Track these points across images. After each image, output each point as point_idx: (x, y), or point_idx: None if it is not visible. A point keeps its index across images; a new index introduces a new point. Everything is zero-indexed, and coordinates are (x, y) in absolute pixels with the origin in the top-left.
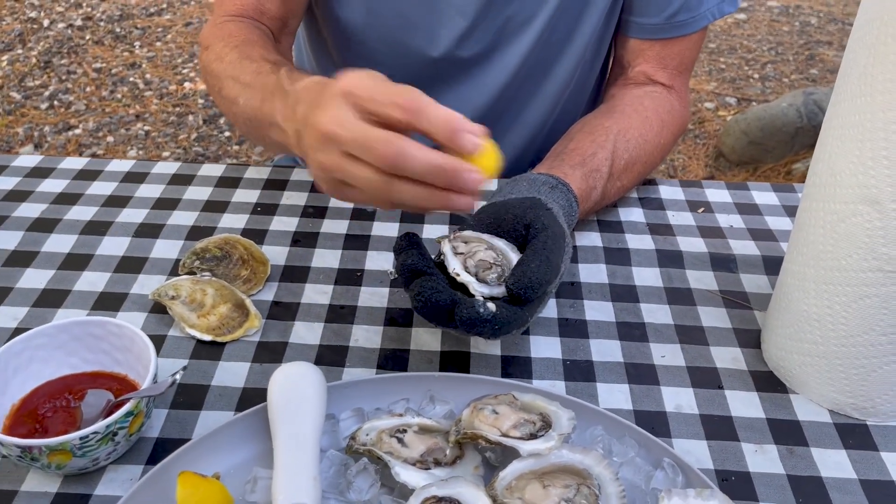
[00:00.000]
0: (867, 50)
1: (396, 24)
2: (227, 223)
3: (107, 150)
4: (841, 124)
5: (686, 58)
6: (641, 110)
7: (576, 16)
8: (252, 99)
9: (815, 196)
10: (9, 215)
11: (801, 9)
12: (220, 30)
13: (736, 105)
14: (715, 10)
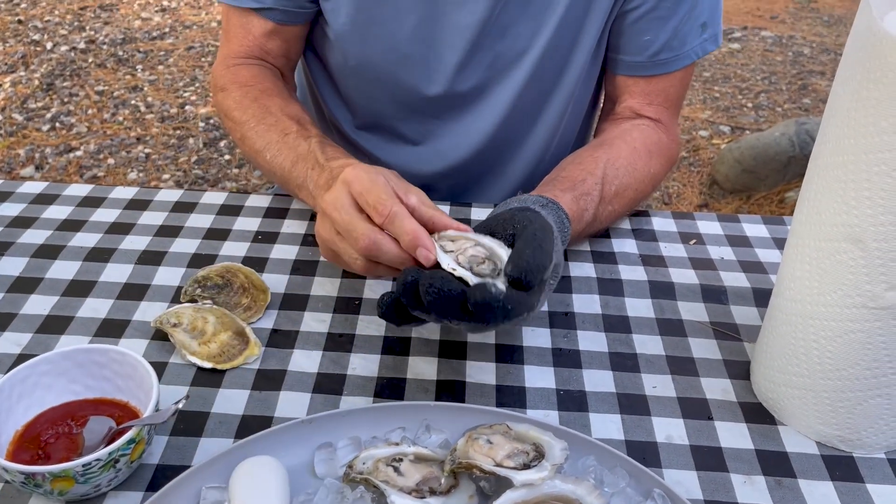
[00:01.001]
0: (850, 94)
1: (391, 61)
2: (228, 251)
3: (107, 173)
4: (825, 164)
5: (671, 94)
6: (630, 141)
7: (565, 53)
8: (280, 158)
9: (801, 233)
10: (14, 241)
11: (794, 39)
12: (234, 74)
13: (730, 133)
14: (698, 49)
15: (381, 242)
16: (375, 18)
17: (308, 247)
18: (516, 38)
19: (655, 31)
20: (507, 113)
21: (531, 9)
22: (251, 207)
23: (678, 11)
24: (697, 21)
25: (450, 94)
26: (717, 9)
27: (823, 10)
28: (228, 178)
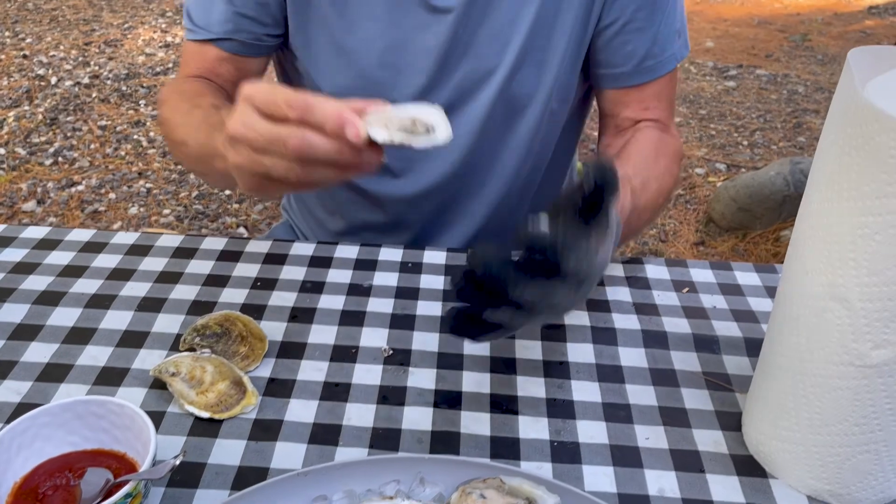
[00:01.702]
0: (834, 158)
1: (360, 87)
2: (227, 298)
3: (108, 207)
4: (811, 225)
5: (664, 95)
6: (633, 142)
7: (534, 69)
8: (199, 137)
9: (789, 290)
10: (16, 287)
11: (788, 77)
12: (177, 86)
13: (725, 171)
14: (677, 55)
15: (309, 136)
16: (343, 49)
17: (306, 293)
18: (482, 58)
19: (635, 42)
20: (479, 130)
21: (495, 27)
22: (251, 253)
23: (654, 20)
24: (672, 28)
25: None
26: (684, 16)
27: (817, 49)
28: (228, 213)
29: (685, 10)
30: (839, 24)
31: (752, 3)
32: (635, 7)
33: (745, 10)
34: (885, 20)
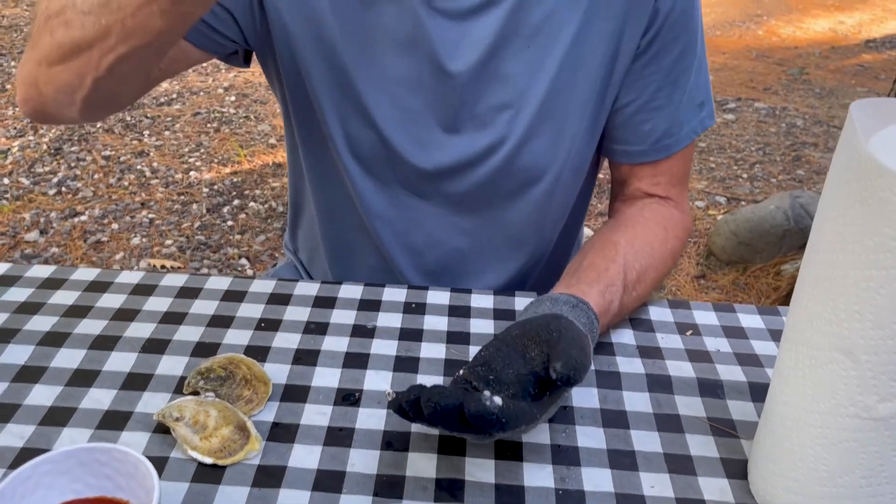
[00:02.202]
0: (838, 210)
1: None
2: (231, 339)
3: (111, 238)
4: (815, 275)
5: (677, 172)
6: (643, 221)
7: (549, 141)
8: None
9: (794, 339)
10: (21, 328)
11: (787, 110)
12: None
13: (725, 204)
14: (697, 128)
15: None
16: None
17: (310, 335)
18: (490, 126)
19: (654, 121)
20: (489, 199)
21: (505, 97)
22: (255, 293)
23: (674, 99)
24: (694, 102)
25: (436, 171)
26: (709, 85)
27: (815, 83)
28: (231, 243)
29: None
30: (836, 58)
31: (749, 36)
32: (655, 87)
33: (742, 42)
34: (882, 54)
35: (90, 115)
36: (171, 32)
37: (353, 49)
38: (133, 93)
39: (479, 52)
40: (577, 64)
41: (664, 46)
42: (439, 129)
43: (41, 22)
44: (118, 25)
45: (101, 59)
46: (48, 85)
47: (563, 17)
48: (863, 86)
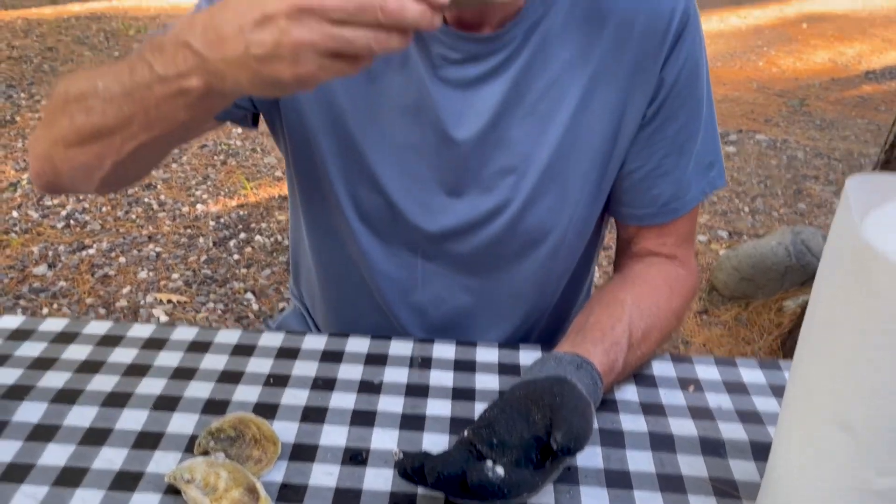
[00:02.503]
0: (834, 289)
1: (373, 197)
2: (241, 396)
3: (118, 271)
4: (814, 351)
5: (684, 231)
6: (649, 280)
7: (552, 204)
8: (113, 72)
9: (793, 412)
10: (34, 385)
11: (787, 143)
12: None
13: (727, 238)
14: (706, 188)
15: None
16: (358, 153)
17: (318, 391)
18: (494, 190)
19: (661, 186)
20: (492, 260)
21: (508, 161)
22: (263, 348)
23: (681, 164)
24: (702, 164)
25: (441, 234)
26: (718, 143)
27: (815, 114)
28: (236, 277)
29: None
30: (837, 90)
31: (750, 67)
32: (662, 154)
33: (743, 73)
34: (882, 85)
35: (106, 190)
36: (194, 122)
37: (360, 116)
38: (151, 169)
39: (483, 120)
40: (581, 130)
41: (670, 115)
42: (444, 193)
43: (59, 104)
44: (141, 115)
45: (122, 145)
46: (65, 164)
47: (567, 85)
48: (863, 117)
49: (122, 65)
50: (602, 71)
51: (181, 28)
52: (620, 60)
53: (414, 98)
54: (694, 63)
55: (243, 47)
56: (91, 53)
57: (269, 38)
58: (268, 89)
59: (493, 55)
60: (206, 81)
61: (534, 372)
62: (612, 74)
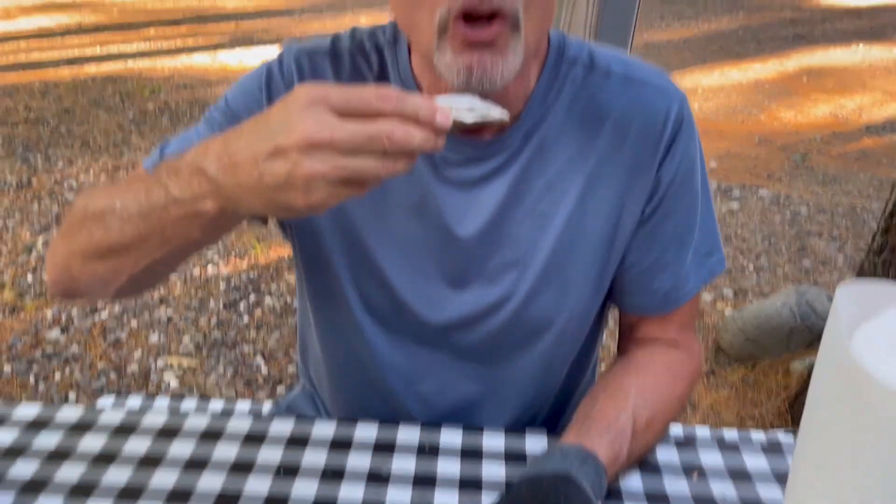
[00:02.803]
0: (826, 410)
1: (380, 294)
2: (252, 488)
3: (130, 335)
4: (809, 473)
5: (686, 318)
6: (653, 366)
7: (554, 296)
8: (137, 192)
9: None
10: (50, 478)
11: (790, 198)
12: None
13: (733, 297)
14: (706, 276)
15: (407, 127)
16: (367, 257)
17: (327, 482)
18: (497, 283)
19: (662, 278)
20: (493, 350)
21: (511, 255)
22: (274, 437)
23: (680, 256)
24: (701, 253)
25: (446, 326)
26: (716, 231)
27: (818, 169)
28: (246, 340)
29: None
30: (838, 143)
31: (752, 120)
32: (662, 248)
33: (745, 127)
34: (883, 138)
35: (121, 297)
36: (207, 239)
37: (365, 213)
38: (165, 278)
39: (485, 217)
40: (581, 227)
41: (668, 211)
42: (448, 287)
43: (78, 219)
44: (156, 235)
45: (138, 260)
46: (82, 274)
47: (566, 184)
48: (865, 171)
49: (139, 184)
50: (600, 170)
51: (196, 154)
52: (618, 159)
53: (418, 197)
54: (690, 162)
55: (257, 175)
56: (106, 115)
57: (281, 169)
58: (281, 213)
59: (493, 157)
60: (220, 205)
61: (539, 466)
62: (610, 173)
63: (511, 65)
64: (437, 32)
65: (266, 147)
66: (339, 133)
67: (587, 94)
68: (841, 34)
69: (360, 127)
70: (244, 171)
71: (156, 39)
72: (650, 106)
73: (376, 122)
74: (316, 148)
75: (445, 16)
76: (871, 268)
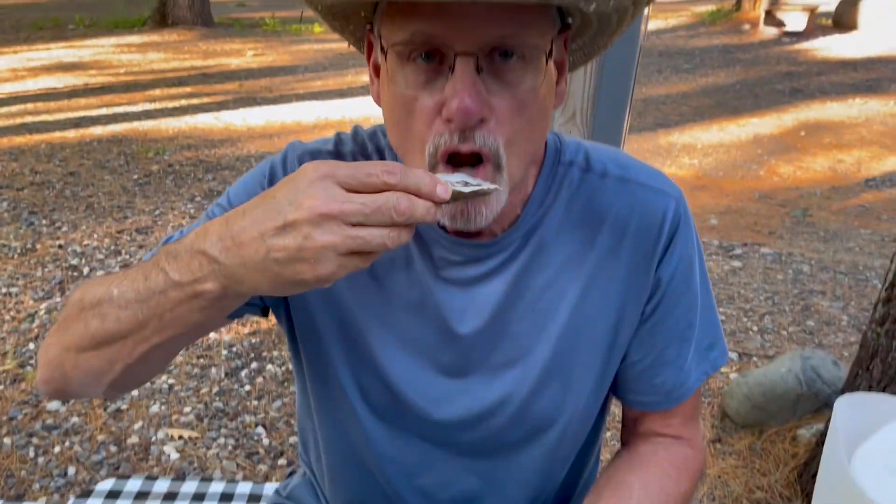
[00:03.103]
0: None
1: (381, 395)
2: None
3: (130, 405)
4: None
5: (688, 412)
6: (656, 462)
7: (557, 395)
8: (130, 281)
9: None
10: None
11: (792, 256)
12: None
13: (737, 360)
14: (708, 369)
15: (410, 198)
16: (367, 356)
17: None
18: (497, 381)
19: (664, 375)
20: (495, 447)
21: (510, 354)
22: None
23: (682, 352)
24: (702, 347)
25: (447, 423)
26: (717, 323)
27: (819, 225)
28: (247, 410)
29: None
30: (838, 198)
31: (751, 176)
32: (664, 345)
33: (745, 184)
34: (882, 193)
35: (113, 393)
36: (207, 322)
37: (366, 313)
38: (158, 372)
39: (485, 316)
40: (581, 326)
41: (669, 309)
42: (449, 386)
43: (74, 311)
44: (155, 320)
45: (134, 348)
46: (75, 370)
47: (565, 284)
48: (866, 227)
49: (136, 272)
50: (599, 270)
51: (195, 237)
52: (616, 259)
53: (418, 296)
54: (688, 260)
55: (264, 251)
56: (111, 177)
57: (292, 242)
58: (287, 289)
59: (492, 257)
60: (222, 285)
61: None
62: (609, 272)
63: (494, 206)
64: (428, 167)
65: (274, 223)
66: (349, 205)
67: (584, 196)
68: (837, 87)
69: (368, 199)
70: (250, 248)
71: (161, 99)
72: (647, 206)
73: (383, 195)
74: (327, 220)
75: (434, 155)
76: (875, 337)
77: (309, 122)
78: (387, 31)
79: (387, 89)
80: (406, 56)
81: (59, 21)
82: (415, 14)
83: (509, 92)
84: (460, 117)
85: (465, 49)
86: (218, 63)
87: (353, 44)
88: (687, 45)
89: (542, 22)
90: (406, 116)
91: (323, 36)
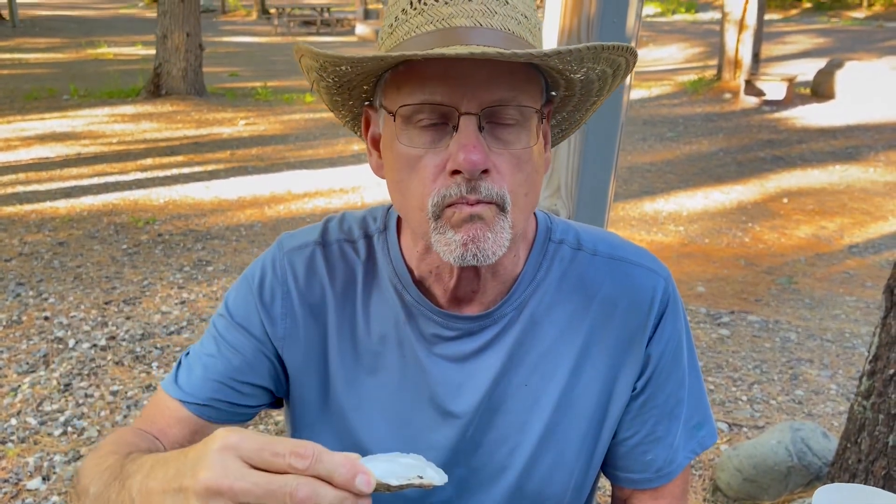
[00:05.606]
0: None
1: None
2: None
3: None
4: None
5: (677, 492)
6: None
7: (549, 471)
8: (97, 483)
9: None
10: None
11: (779, 324)
12: (114, 435)
13: (727, 431)
14: (696, 448)
15: (318, 486)
16: (358, 446)
17: None
18: (491, 458)
19: (654, 452)
20: None
21: (504, 432)
22: None
23: (672, 429)
24: (690, 425)
25: (442, 500)
26: (705, 403)
27: (804, 292)
28: None
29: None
30: (822, 265)
31: (736, 243)
32: (654, 421)
33: (731, 250)
34: (866, 259)
35: None
36: None
37: (352, 393)
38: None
39: (480, 392)
40: (574, 400)
41: (659, 386)
42: (444, 461)
43: (73, 494)
44: None
45: None
46: None
47: (558, 358)
48: (851, 294)
49: (109, 475)
50: (590, 345)
51: (139, 466)
52: (607, 336)
53: (412, 375)
54: (677, 338)
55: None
56: (100, 247)
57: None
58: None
59: (486, 330)
60: None
61: None
62: (600, 349)
63: (500, 239)
64: (431, 218)
65: (172, 484)
66: (240, 483)
67: (576, 273)
68: (818, 155)
69: (263, 479)
70: (153, 500)
71: (153, 168)
72: (637, 284)
73: (283, 477)
74: (213, 495)
75: (438, 205)
76: (861, 411)
77: (299, 191)
78: (391, 99)
79: (391, 151)
80: (412, 119)
81: (54, 91)
82: (422, 79)
83: (507, 150)
84: (468, 167)
85: (468, 109)
86: (210, 132)
87: (347, 122)
88: (671, 113)
89: (533, 90)
90: (409, 174)
91: (314, 106)
